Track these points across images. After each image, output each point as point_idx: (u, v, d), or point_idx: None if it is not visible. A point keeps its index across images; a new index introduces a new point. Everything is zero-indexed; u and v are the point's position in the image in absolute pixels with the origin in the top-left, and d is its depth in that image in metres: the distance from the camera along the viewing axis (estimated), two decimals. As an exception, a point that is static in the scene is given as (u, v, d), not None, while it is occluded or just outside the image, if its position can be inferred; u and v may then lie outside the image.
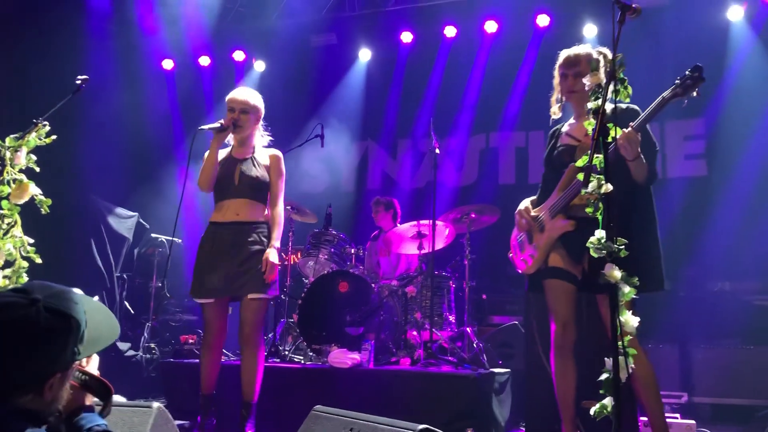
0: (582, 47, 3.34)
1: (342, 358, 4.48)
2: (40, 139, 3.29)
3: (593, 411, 2.24)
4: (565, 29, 6.88)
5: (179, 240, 7.39)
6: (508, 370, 4.81)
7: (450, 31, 7.50)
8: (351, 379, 4.37)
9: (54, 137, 3.35)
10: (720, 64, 6.44)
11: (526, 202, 3.42)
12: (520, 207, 3.41)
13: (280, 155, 4.01)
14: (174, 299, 7.34)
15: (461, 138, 7.72)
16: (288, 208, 5.56)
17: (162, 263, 7.15)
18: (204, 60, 8.28)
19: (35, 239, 3.34)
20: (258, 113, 3.97)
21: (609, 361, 2.16)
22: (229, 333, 3.95)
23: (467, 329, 5.21)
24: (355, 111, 8.03)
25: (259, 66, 8.22)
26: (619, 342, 2.15)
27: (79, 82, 3.54)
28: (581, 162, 2.41)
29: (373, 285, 5.12)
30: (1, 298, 1.53)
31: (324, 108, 7.89)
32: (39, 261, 3.28)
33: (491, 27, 7.31)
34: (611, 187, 2.26)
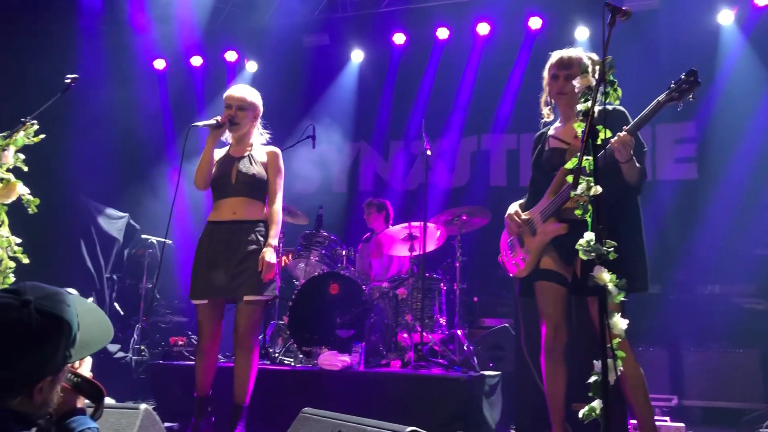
0: (575, 50, 3.34)
1: (332, 360, 4.46)
2: (28, 138, 3.27)
3: (582, 414, 2.23)
4: (558, 32, 6.89)
5: (170, 241, 7.35)
6: (498, 372, 4.80)
7: (442, 33, 7.51)
8: (341, 382, 4.35)
9: (42, 136, 3.33)
10: (711, 67, 6.46)
11: (515, 206, 3.42)
12: (509, 211, 3.40)
13: (278, 152, 3.94)
14: (164, 301, 7.31)
15: (453, 140, 7.72)
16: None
17: (152, 264, 7.10)
18: (196, 60, 8.25)
19: (23, 239, 3.31)
20: (256, 110, 3.92)
21: (598, 364, 2.16)
22: (224, 333, 3.89)
23: (458, 332, 5.20)
24: (348, 112, 8.02)
25: (252, 66, 8.20)
26: (608, 344, 2.15)
27: (69, 81, 3.51)
28: (571, 164, 2.41)
29: (364, 287, 5.11)
30: None
31: (316, 109, 7.87)
32: (26, 261, 3.25)
33: (483, 29, 7.32)
34: (600, 189, 2.26)
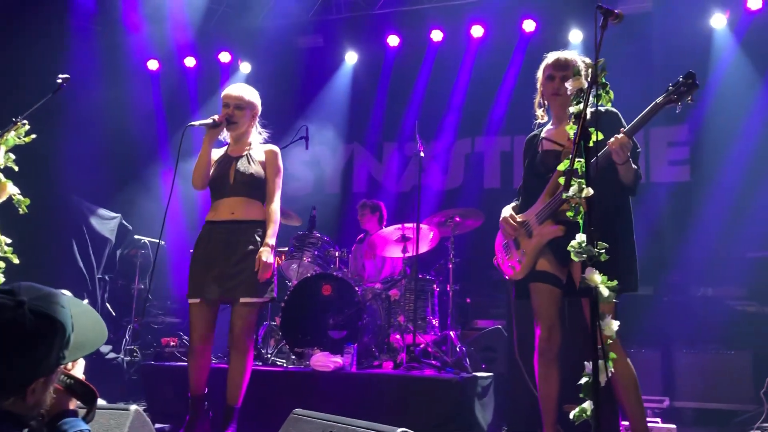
0: (571, 52, 3.34)
1: (324, 361, 4.46)
2: (19, 138, 3.25)
3: (573, 415, 2.23)
4: (551, 35, 6.91)
5: (162, 242, 7.33)
6: (491, 374, 4.80)
7: (436, 35, 7.52)
8: (333, 383, 4.35)
9: (33, 136, 3.30)
10: (704, 70, 6.48)
11: (508, 209, 3.41)
12: (504, 214, 3.38)
13: (276, 150, 3.90)
14: (156, 301, 7.29)
15: (447, 142, 7.73)
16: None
17: (144, 265, 7.08)
18: (189, 61, 8.24)
19: (13, 239, 3.29)
20: (254, 109, 3.87)
21: (588, 365, 2.16)
22: (216, 334, 3.86)
23: (450, 333, 5.20)
24: (341, 113, 8.02)
25: (245, 67, 8.18)
26: (599, 345, 2.15)
27: (60, 80, 3.50)
28: (563, 166, 2.41)
29: (357, 288, 5.10)
30: None
31: (310, 110, 7.86)
32: (16, 261, 3.23)
33: (477, 32, 7.34)
34: (592, 191, 2.26)
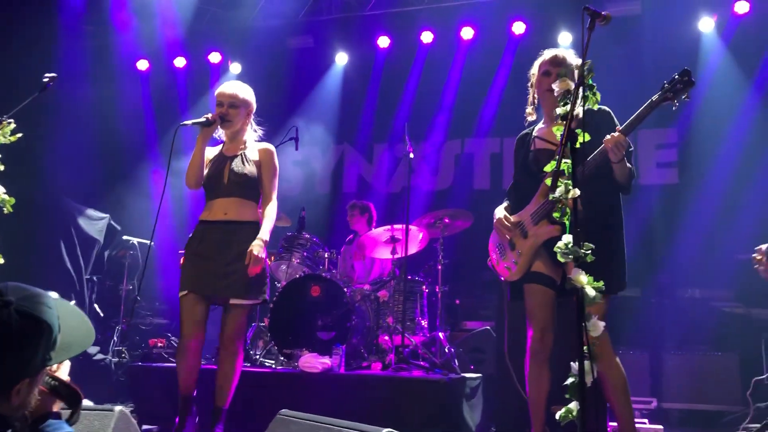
0: (567, 51, 3.32)
1: (312, 362, 4.45)
2: (4, 137, 3.23)
3: (559, 415, 2.23)
4: (541, 37, 6.93)
5: (151, 242, 7.30)
6: (479, 375, 4.81)
7: (427, 37, 7.53)
8: (321, 384, 4.34)
9: (19, 135, 3.28)
10: (692, 73, 6.51)
11: (501, 210, 3.36)
12: (497, 215, 3.33)
13: (272, 149, 3.84)
14: (145, 302, 7.26)
15: (437, 143, 7.75)
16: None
17: (133, 265, 7.05)
18: (179, 61, 8.21)
19: (-1, 239, 3.28)
20: (249, 107, 3.80)
21: (575, 366, 2.16)
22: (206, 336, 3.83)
23: (439, 334, 5.21)
24: (332, 114, 8.02)
25: (235, 68, 8.16)
26: (585, 346, 2.15)
27: (47, 80, 3.47)
28: (549, 167, 2.42)
29: (346, 289, 5.09)
30: None
31: (300, 111, 7.86)
32: (1, 261, 3.21)
33: (468, 33, 7.36)
34: (578, 192, 2.27)
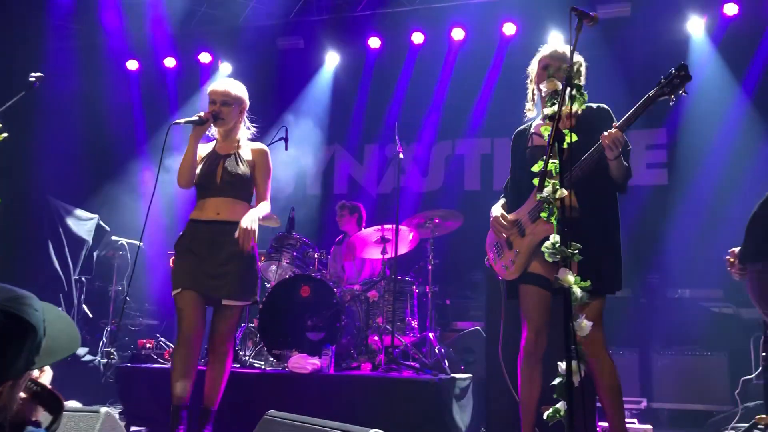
0: (566, 46, 3.31)
1: (302, 363, 4.43)
2: (-10, 137, 3.20)
3: (546, 415, 2.24)
4: (531, 38, 6.91)
5: (140, 243, 7.28)
6: (469, 375, 4.81)
7: (417, 38, 7.53)
8: (310, 385, 4.32)
9: (5, 135, 3.25)
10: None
11: (498, 208, 3.33)
12: (494, 214, 3.30)
13: (266, 150, 3.81)
14: (134, 303, 7.23)
15: (427, 144, 7.75)
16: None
17: (122, 266, 7.02)
18: (169, 61, 8.18)
19: (-15, 239, 3.25)
20: (242, 104, 3.76)
21: (562, 365, 2.17)
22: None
23: (429, 334, 5.20)
24: (322, 115, 8.01)
25: (225, 68, 8.13)
26: (572, 346, 2.16)
27: (33, 79, 3.44)
28: (537, 167, 2.43)
29: (336, 290, 5.08)
30: None
31: (291, 111, 7.85)
32: (-13, 261, 3.19)
33: (458, 34, 7.36)
34: (566, 192, 2.27)
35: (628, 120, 2.85)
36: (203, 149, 3.75)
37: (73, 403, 3.08)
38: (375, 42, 7.70)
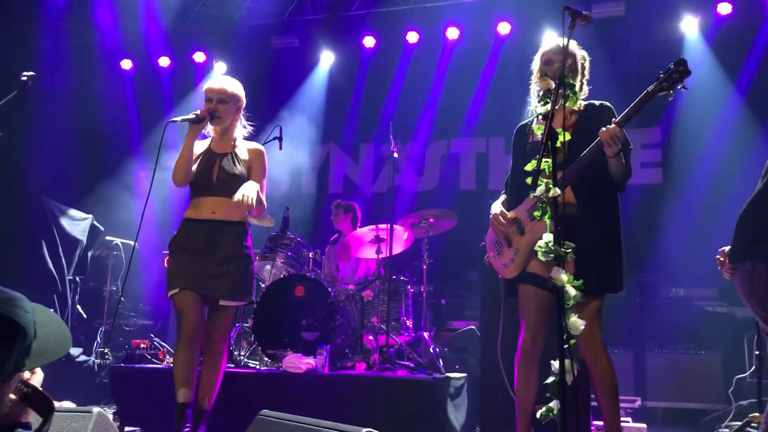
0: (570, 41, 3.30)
1: (296, 362, 4.42)
2: (-19, 137, 3.18)
3: (539, 414, 2.24)
4: (526, 37, 6.94)
5: (134, 243, 7.26)
6: (464, 374, 4.80)
7: (412, 37, 7.53)
8: (305, 384, 4.32)
9: (-1, 135, 3.24)
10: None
11: (498, 205, 3.30)
12: (494, 211, 3.27)
13: (262, 150, 3.80)
14: (128, 303, 7.21)
15: (423, 143, 7.75)
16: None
17: (116, 266, 7.00)
18: (164, 61, 8.16)
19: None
20: (238, 102, 3.74)
21: (555, 364, 2.17)
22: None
23: (424, 334, 5.20)
24: (317, 114, 8.00)
25: (220, 67, 8.11)
26: (565, 345, 2.16)
27: (25, 79, 3.42)
28: (531, 165, 2.43)
29: (330, 289, 5.08)
30: None
31: (286, 110, 7.84)
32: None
33: (453, 33, 7.36)
34: (559, 191, 2.27)
35: (627, 116, 2.84)
36: (198, 147, 3.72)
37: (67, 404, 3.07)
38: (370, 41, 7.69)
